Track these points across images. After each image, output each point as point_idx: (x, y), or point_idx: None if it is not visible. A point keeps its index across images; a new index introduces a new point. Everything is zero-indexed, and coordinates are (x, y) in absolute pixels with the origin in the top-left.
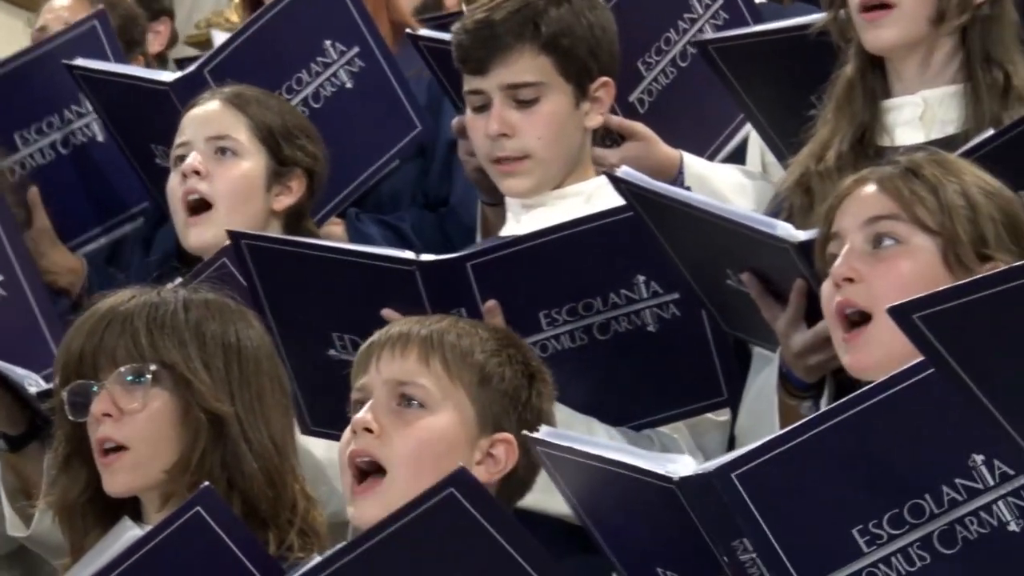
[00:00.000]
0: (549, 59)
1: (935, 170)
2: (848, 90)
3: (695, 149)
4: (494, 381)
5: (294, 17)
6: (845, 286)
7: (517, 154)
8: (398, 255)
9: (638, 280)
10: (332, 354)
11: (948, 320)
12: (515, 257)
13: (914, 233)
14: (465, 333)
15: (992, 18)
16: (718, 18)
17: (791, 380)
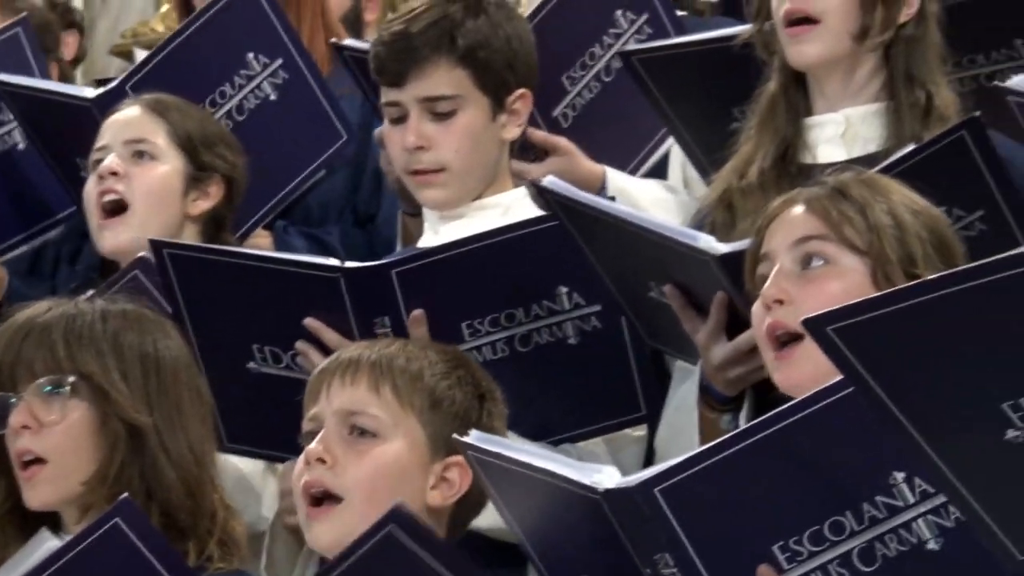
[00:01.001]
0: (466, 72)
1: (863, 190)
2: (771, 106)
3: (618, 164)
4: (445, 404)
5: (216, 31)
6: (775, 308)
7: (433, 167)
8: (323, 262)
9: (560, 291)
10: (252, 367)
11: (862, 333)
12: (440, 265)
13: (843, 253)
14: (414, 357)
15: (915, 38)
16: (643, 33)
17: (711, 393)
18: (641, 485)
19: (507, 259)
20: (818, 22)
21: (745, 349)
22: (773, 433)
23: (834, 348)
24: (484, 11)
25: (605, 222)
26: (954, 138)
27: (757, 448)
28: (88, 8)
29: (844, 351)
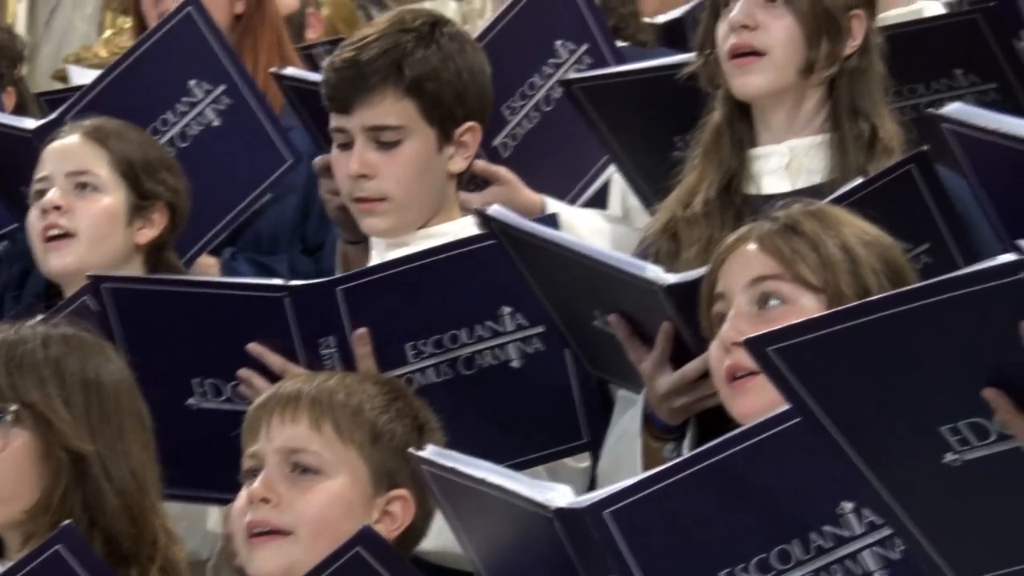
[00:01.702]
0: (413, 102)
1: (814, 225)
2: (715, 137)
3: (557, 193)
4: (385, 438)
5: (156, 60)
6: (734, 350)
7: (376, 195)
8: (267, 282)
9: (503, 312)
10: (191, 403)
11: (803, 354)
12: (385, 282)
13: (798, 292)
14: (353, 391)
15: (860, 70)
16: (582, 63)
17: (655, 422)
18: (591, 507)
19: (452, 277)
20: (764, 55)
21: (691, 378)
22: (723, 459)
23: (774, 369)
24: (436, 42)
25: (549, 251)
26: (902, 172)
27: (707, 473)
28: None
29: (784, 372)
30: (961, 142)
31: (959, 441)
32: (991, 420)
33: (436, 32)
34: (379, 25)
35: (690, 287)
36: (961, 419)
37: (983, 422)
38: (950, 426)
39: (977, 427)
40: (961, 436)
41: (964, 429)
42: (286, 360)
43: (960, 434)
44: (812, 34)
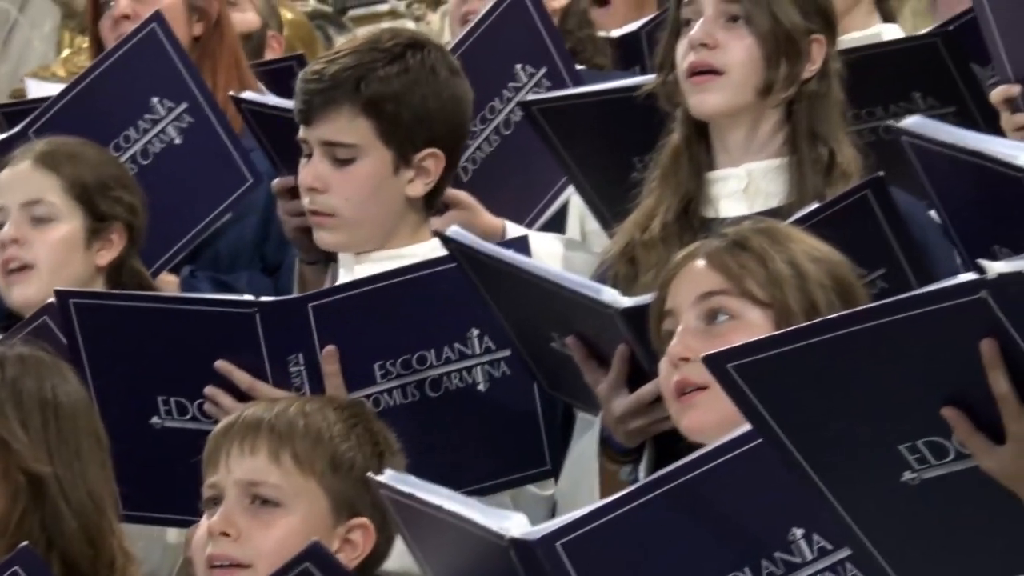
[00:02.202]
0: (369, 122)
1: (762, 241)
2: (674, 159)
3: (516, 216)
4: (345, 467)
5: (119, 76)
6: (682, 365)
7: (325, 210)
8: (238, 298)
9: (472, 334)
10: (155, 422)
11: (762, 371)
12: (356, 300)
13: (746, 307)
14: (313, 420)
15: (819, 95)
16: (541, 86)
17: (612, 445)
18: (543, 539)
19: (422, 297)
20: (722, 73)
21: (646, 401)
22: (675, 487)
23: (734, 386)
24: (405, 63)
25: (508, 273)
26: (857, 197)
27: (658, 503)
28: None
29: (743, 389)
30: (919, 156)
31: (917, 460)
32: (950, 439)
33: (408, 53)
34: (355, 41)
35: (645, 310)
36: (920, 438)
37: (941, 441)
38: (908, 444)
39: (935, 446)
40: (919, 455)
41: (922, 448)
42: (254, 378)
43: (918, 452)
44: (772, 55)
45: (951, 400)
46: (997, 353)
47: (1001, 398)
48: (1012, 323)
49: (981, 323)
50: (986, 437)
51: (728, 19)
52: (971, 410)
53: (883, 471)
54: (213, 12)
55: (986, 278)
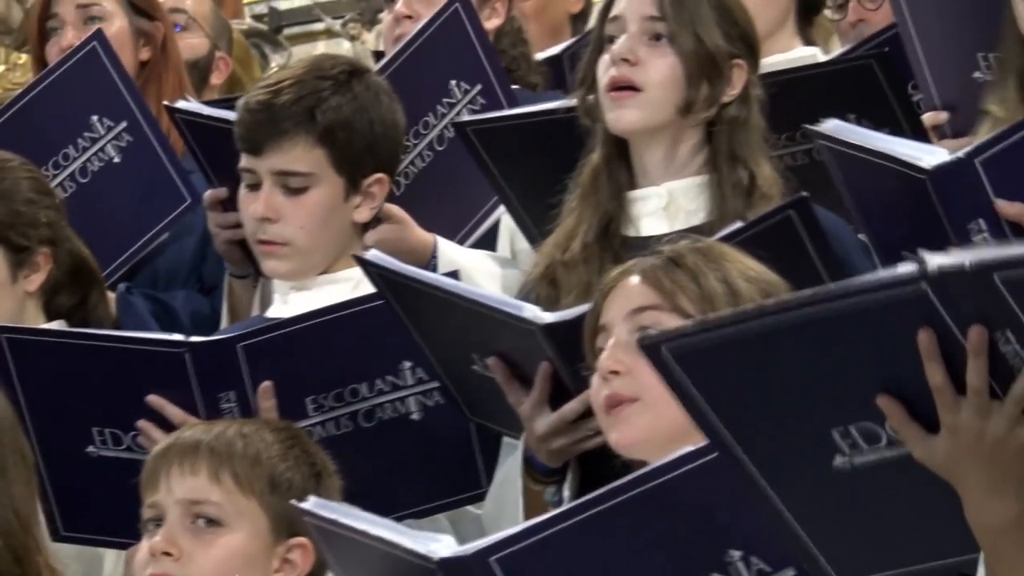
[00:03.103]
0: (323, 150)
1: (697, 258)
2: (594, 179)
3: (448, 232)
4: (283, 487)
5: (59, 95)
6: (611, 379)
7: (278, 240)
8: (168, 338)
9: (404, 366)
10: (91, 451)
11: (697, 354)
12: (286, 339)
13: (676, 323)
14: (251, 441)
15: (739, 120)
16: (476, 103)
17: (535, 465)
18: (477, 554)
19: (353, 333)
20: (641, 91)
21: (569, 419)
22: (613, 506)
23: (668, 369)
24: (352, 91)
25: (428, 294)
26: (782, 217)
27: (595, 520)
28: None
29: (677, 372)
30: (837, 160)
31: (850, 445)
32: (883, 426)
33: (353, 81)
34: (296, 69)
35: (567, 326)
36: (852, 422)
37: (874, 427)
38: (841, 429)
39: (868, 431)
40: (852, 440)
41: (855, 433)
42: (185, 413)
43: (850, 438)
44: (693, 75)
45: (887, 389)
46: (934, 344)
47: (937, 389)
48: (950, 315)
49: (919, 314)
50: (920, 427)
51: (651, 37)
52: (906, 399)
53: (815, 455)
54: (159, 36)
55: (926, 270)
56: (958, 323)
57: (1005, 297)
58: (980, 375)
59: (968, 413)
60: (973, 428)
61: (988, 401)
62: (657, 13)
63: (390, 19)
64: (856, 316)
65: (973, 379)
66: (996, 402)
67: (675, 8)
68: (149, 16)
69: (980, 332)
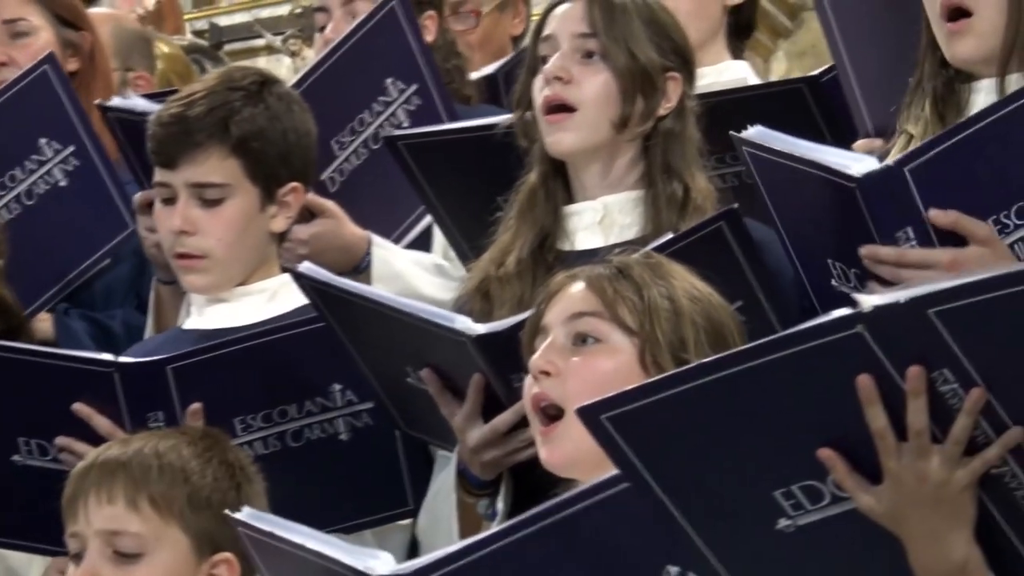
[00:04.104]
0: (237, 161)
1: (644, 272)
2: (531, 195)
3: (383, 231)
4: (204, 505)
5: (8, 116)
6: (542, 379)
7: (196, 252)
8: (96, 357)
9: (334, 388)
10: (16, 459)
11: (635, 421)
12: (215, 361)
13: (613, 332)
14: (168, 460)
15: (673, 132)
16: (411, 103)
17: (468, 478)
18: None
19: (283, 356)
20: (576, 110)
21: (502, 431)
22: (545, 526)
23: (607, 437)
24: (264, 101)
25: (361, 306)
26: (712, 229)
27: (528, 540)
28: None
29: (617, 440)
30: (759, 168)
31: (793, 506)
32: (825, 483)
33: (264, 91)
34: (208, 82)
35: (499, 338)
36: (795, 483)
37: (817, 485)
38: (783, 490)
39: (811, 490)
40: (795, 500)
41: (798, 493)
42: (113, 424)
43: (794, 498)
44: (628, 91)
45: (827, 441)
46: (874, 389)
47: (878, 434)
48: (887, 357)
49: (857, 358)
50: (863, 477)
51: (584, 55)
52: (848, 450)
53: (758, 519)
54: (87, 46)
55: (861, 312)
56: (896, 365)
57: (941, 332)
58: (920, 416)
59: (910, 457)
60: (915, 472)
61: (929, 444)
62: (588, 30)
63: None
64: (793, 366)
65: (914, 420)
66: (937, 445)
67: (606, 24)
68: (75, 27)
69: (918, 372)
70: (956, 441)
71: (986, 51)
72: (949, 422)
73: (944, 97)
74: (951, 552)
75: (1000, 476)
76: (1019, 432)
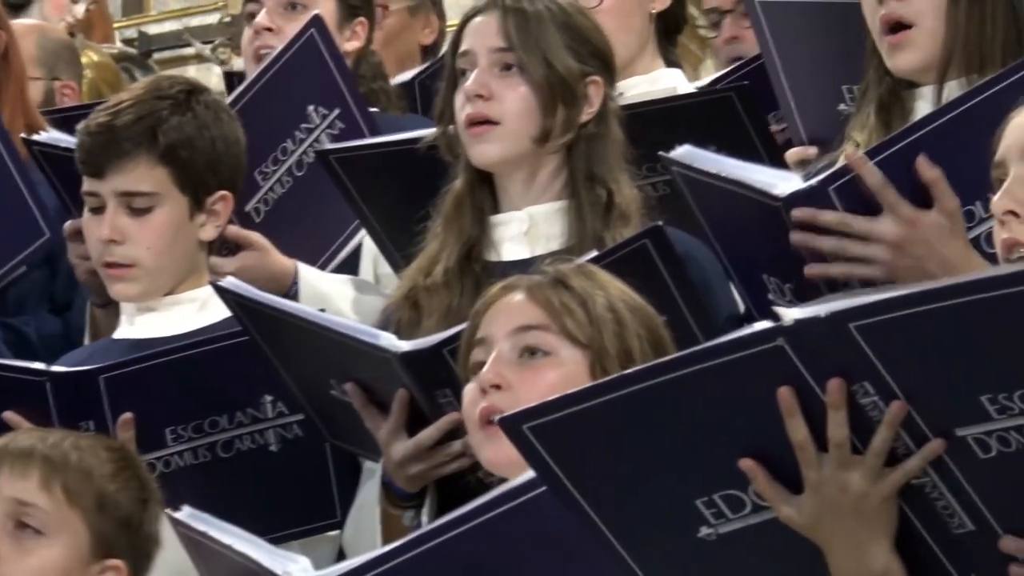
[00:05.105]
0: (166, 170)
1: (583, 282)
2: (456, 205)
3: (309, 258)
4: (110, 507)
5: None
6: (492, 392)
7: (125, 261)
8: (28, 366)
9: (265, 400)
10: None
11: (557, 431)
12: (148, 372)
13: (562, 344)
14: (86, 455)
15: (596, 136)
16: (335, 128)
17: (393, 490)
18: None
19: (215, 367)
20: (497, 123)
21: (426, 445)
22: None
23: (529, 447)
24: (192, 110)
25: (285, 321)
26: (637, 246)
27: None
28: None
29: (539, 449)
30: (690, 187)
31: (714, 514)
32: (747, 492)
33: (192, 100)
34: (135, 91)
35: (424, 355)
36: (717, 491)
37: (738, 494)
38: (705, 499)
39: (733, 499)
40: (716, 509)
41: (719, 502)
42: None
43: (715, 507)
44: (548, 103)
45: (749, 451)
46: (794, 401)
47: (798, 446)
48: (808, 370)
49: (779, 371)
50: (784, 487)
51: (502, 68)
52: (769, 461)
53: (679, 527)
54: (1, 45)
55: (782, 325)
56: (817, 378)
57: (861, 346)
58: (840, 428)
59: (830, 469)
60: (836, 483)
61: (850, 455)
62: (504, 44)
63: (250, 32)
64: (716, 378)
65: (834, 433)
66: (858, 456)
67: (521, 37)
68: None
69: (839, 384)
70: (876, 453)
71: (926, 61)
72: (870, 434)
73: (889, 105)
74: (871, 562)
75: (921, 487)
76: (939, 444)
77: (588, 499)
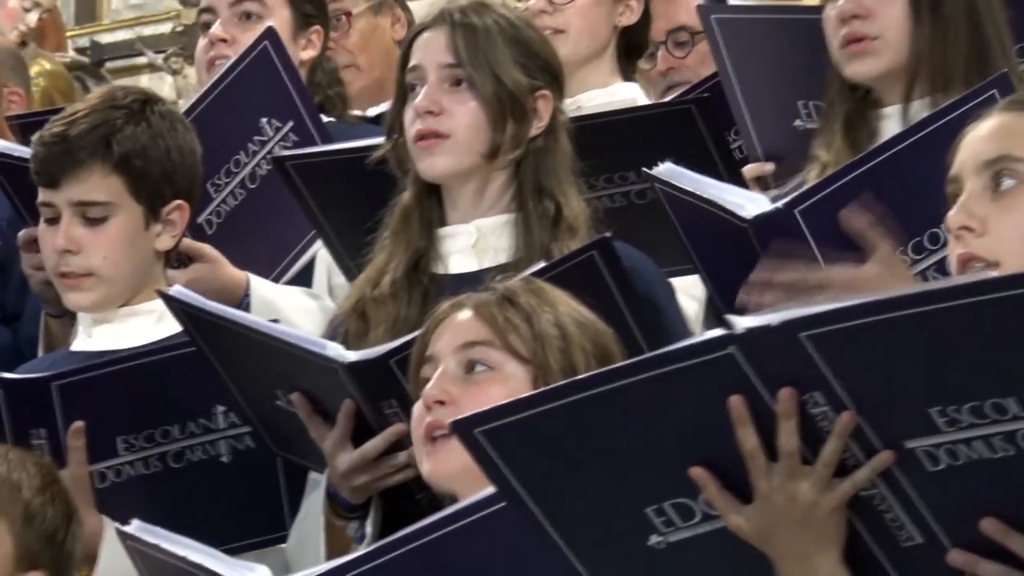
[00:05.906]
0: (120, 179)
1: (531, 299)
2: (404, 217)
3: (263, 270)
4: (36, 521)
5: None
6: (436, 408)
7: (81, 271)
8: None
9: (217, 410)
10: None
11: (509, 435)
12: (100, 380)
13: (507, 360)
14: (14, 468)
15: (545, 150)
16: (288, 140)
17: (338, 501)
18: None
19: (167, 377)
20: (447, 137)
21: (371, 457)
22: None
23: (480, 451)
24: (146, 119)
25: (231, 330)
26: (584, 257)
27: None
28: None
29: (490, 453)
30: (670, 203)
31: (664, 523)
32: (697, 500)
33: (147, 110)
34: (90, 101)
35: (370, 365)
36: (667, 500)
37: (688, 502)
38: (655, 507)
39: (682, 508)
40: (666, 517)
41: (669, 510)
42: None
43: (665, 515)
44: (497, 118)
45: (700, 460)
46: (745, 410)
47: (749, 455)
48: (759, 379)
49: (729, 380)
50: (734, 496)
51: (452, 83)
52: (720, 469)
53: (629, 535)
54: None
55: (733, 333)
56: (768, 387)
57: (812, 356)
58: (791, 438)
59: (780, 478)
60: (785, 493)
61: (800, 465)
62: (453, 60)
63: (204, 42)
64: (667, 386)
65: (784, 442)
66: (807, 467)
67: (470, 53)
68: None
69: (789, 393)
70: (826, 463)
71: (884, 70)
72: (820, 444)
73: (855, 124)
74: (819, 573)
75: (870, 498)
76: (888, 455)
77: (538, 505)
